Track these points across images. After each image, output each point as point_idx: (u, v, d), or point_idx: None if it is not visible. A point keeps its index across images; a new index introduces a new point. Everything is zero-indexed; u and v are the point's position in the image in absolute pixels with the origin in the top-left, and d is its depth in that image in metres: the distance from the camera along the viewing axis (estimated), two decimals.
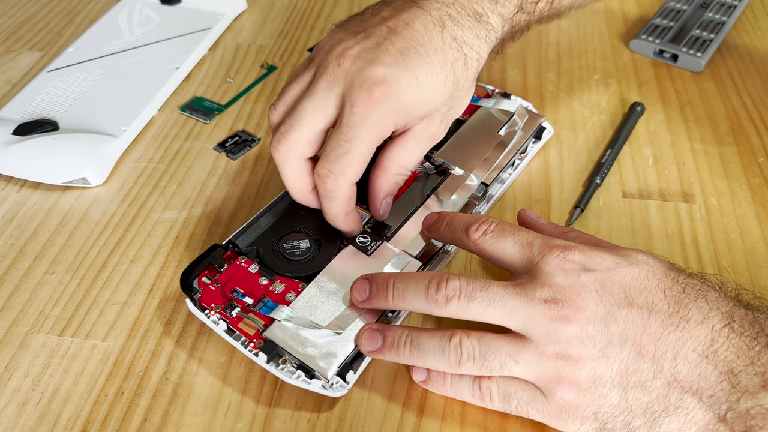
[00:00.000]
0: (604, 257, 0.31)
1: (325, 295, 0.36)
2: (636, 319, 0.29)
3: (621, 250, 0.32)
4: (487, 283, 0.31)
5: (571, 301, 0.29)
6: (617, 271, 0.30)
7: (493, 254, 0.33)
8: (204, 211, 0.46)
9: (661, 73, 0.56)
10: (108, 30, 0.62)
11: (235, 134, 0.52)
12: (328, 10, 0.66)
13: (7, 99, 0.56)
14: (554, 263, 0.30)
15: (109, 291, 0.41)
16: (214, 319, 0.36)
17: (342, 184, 0.35)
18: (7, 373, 0.37)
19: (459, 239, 0.35)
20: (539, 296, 0.30)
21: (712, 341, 0.28)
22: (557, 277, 0.30)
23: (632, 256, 0.31)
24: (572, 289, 0.29)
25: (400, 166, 0.38)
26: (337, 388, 0.33)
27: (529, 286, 0.30)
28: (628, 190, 0.46)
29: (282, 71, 0.58)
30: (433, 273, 0.32)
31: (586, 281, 0.30)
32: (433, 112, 0.37)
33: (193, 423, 0.34)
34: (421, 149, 0.38)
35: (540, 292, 0.30)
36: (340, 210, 0.37)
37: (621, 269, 0.30)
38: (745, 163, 0.47)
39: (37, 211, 0.46)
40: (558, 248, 0.31)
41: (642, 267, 0.30)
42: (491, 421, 0.33)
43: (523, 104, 0.49)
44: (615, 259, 0.31)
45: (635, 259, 0.31)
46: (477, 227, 0.34)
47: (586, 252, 0.31)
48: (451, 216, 0.37)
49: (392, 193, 0.39)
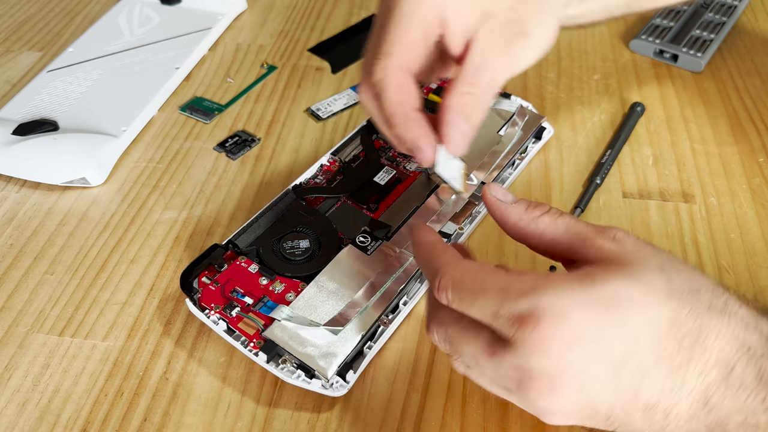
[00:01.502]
0: (587, 320, 0.25)
1: (325, 295, 0.36)
2: (624, 391, 0.25)
3: (606, 285, 0.25)
4: (461, 343, 0.28)
5: (551, 390, 0.25)
6: (603, 339, 0.25)
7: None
8: (204, 211, 0.46)
9: (661, 73, 0.56)
10: (108, 30, 0.62)
11: (235, 134, 0.52)
12: (328, 10, 0.66)
13: (7, 99, 0.56)
14: (528, 344, 0.25)
15: (109, 291, 0.41)
16: (214, 319, 0.36)
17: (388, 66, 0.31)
18: (7, 373, 0.37)
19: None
20: (513, 377, 0.26)
21: (705, 403, 0.25)
22: (534, 360, 0.25)
23: (621, 300, 0.25)
24: (552, 377, 0.25)
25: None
26: (337, 387, 0.33)
27: (505, 360, 0.26)
28: (628, 190, 0.46)
29: (282, 71, 0.58)
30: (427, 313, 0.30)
31: (568, 364, 0.25)
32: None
33: (193, 423, 0.34)
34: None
35: (515, 375, 0.26)
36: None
37: (608, 335, 0.24)
38: (745, 163, 0.47)
39: (37, 211, 0.46)
40: (529, 324, 0.25)
41: (633, 323, 0.24)
42: (491, 422, 0.33)
43: (523, 104, 0.49)
44: (600, 321, 0.25)
45: (625, 309, 0.25)
46: (437, 288, 0.28)
47: (563, 319, 0.24)
48: (417, 249, 0.31)
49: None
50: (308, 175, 0.45)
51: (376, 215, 0.42)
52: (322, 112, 0.53)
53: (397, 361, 0.36)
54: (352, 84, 0.56)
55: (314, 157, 0.49)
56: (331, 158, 0.46)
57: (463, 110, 0.32)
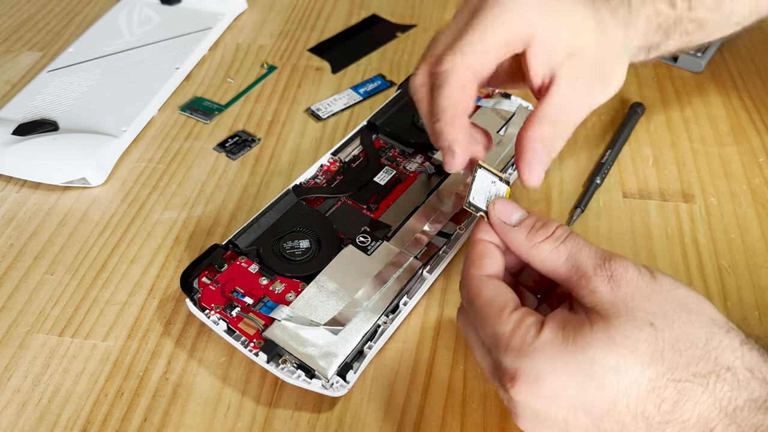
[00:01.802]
0: (564, 385, 0.25)
1: (325, 295, 0.36)
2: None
3: (588, 351, 0.25)
4: (474, 350, 0.30)
5: (534, 430, 0.27)
6: (581, 401, 0.25)
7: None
8: (204, 211, 0.46)
9: (661, 73, 0.56)
10: (108, 30, 0.62)
11: (235, 134, 0.52)
12: (329, 10, 0.66)
13: (7, 99, 0.56)
14: (510, 394, 0.27)
15: (109, 291, 0.41)
16: (214, 319, 0.36)
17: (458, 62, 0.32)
18: (7, 373, 0.37)
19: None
20: (508, 406, 0.28)
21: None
22: (518, 407, 0.27)
23: (600, 366, 0.25)
24: (534, 422, 0.27)
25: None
26: (338, 387, 0.33)
27: (501, 387, 0.28)
28: (628, 190, 0.46)
29: (282, 71, 0.58)
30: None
31: (546, 416, 0.26)
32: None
33: (193, 423, 0.34)
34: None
35: (508, 404, 0.28)
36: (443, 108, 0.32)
37: (585, 398, 0.25)
38: (745, 163, 0.47)
39: (37, 211, 0.46)
40: (509, 380, 0.26)
41: (611, 388, 0.25)
42: (491, 422, 0.33)
43: (523, 104, 0.49)
44: (577, 386, 0.25)
45: (603, 374, 0.25)
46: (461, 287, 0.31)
47: (540, 383, 0.26)
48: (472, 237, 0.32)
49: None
50: (308, 175, 0.45)
51: (376, 215, 0.42)
52: (322, 112, 0.53)
53: (397, 361, 0.36)
54: (352, 84, 0.56)
55: (314, 157, 0.49)
56: (331, 158, 0.46)
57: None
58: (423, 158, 0.46)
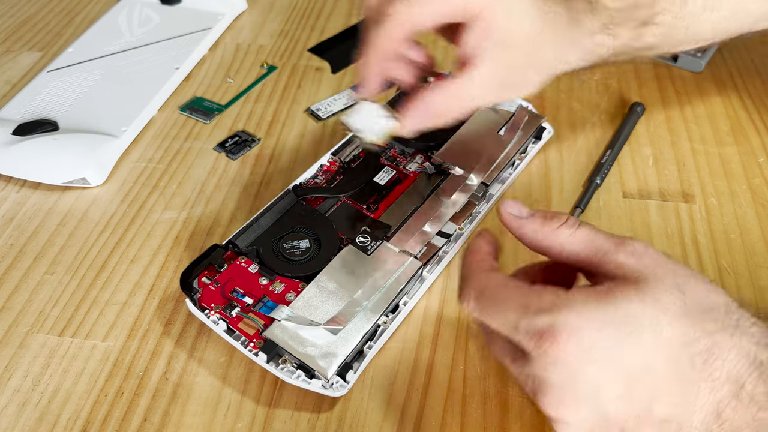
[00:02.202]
0: (602, 338, 0.25)
1: (325, 295, 0.36)
2: (638, 406, 0.26)
3: (623, 305, 0.26)
4: (491, 344, 0.30)
5: (566, 403, 0.26)
6: (619, 358, 0.26)
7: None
8: (204, 211, 0.46)
9: (661, 73, 0.56)
10: (108, 30, 0.62)
11: (235, 134, 0.52)
12: (328, 10, 0.66)
13: (7, 99, 0.56)
14: (545, 359, 0.26)
15: (109, 291, 0.41)
16: (214, 319, 0.36)
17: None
18: (7, 373, 0.37)
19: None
20: (531, 388, 0.27)
21: (717, 416, 0.25)
22: (550, 373, 0.26)
23: (636, 321, 0.25)
24: (567, 391, 0.26)
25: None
26: (337, 387, 0.33)
27: (525, 368, 0.27)
28: (628, 190, 0.46)
29: (282, 71, 0.58)
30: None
31: (583, 379, 0.26)
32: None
33: (193, 423, 0.34)
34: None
35: (532, 384, 0.27)
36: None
37: (623, 353, 0.25)
38: (745, 163, 0.47)
39: (37, 211, 0.46)
40: (546, 339, 0.26)
41: (648, 342, 0.25)
42: (491, 422, 0.33)
43: (523, 104, 0.49)
44: (616, 340, 0.25)
45: (640, 329, 0.25)
46: (461, 300, 0.30)
47: (579, 336, 0.26)
48: (466, 254, 0.32)
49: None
50: (308, 175, 0.45)
51: (376, 215, 0.42)
52: (322, 112, 0.53)
53: (397, 361, 0.36)
54: (352, 84, 0.56)
55: (314, 157, 0.49)
56: (331, 158, 0.46)
57: (438, 110, 0.35)
58: (423, 158, 0.46)
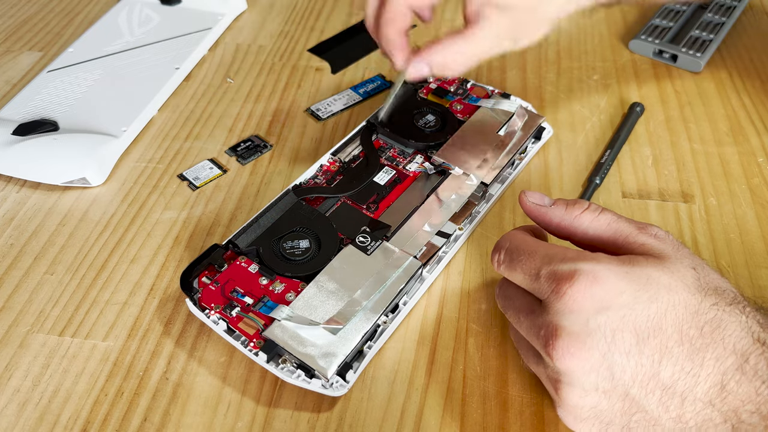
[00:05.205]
0: (620, 289, 0.27)
1: (325, 295, 0.36)
2: (646, 364, 0.27)
3: (643, 269, 0.28)
4: (511, 303, 0.32)
5: (576, 351, 0.27)
6: (633, 310, 0.27)
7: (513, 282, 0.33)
8: (204, 211, 0.46)
9: (660, 73, 0.56)
10: (108, 30, 0.62)
11: (247, 139, 0.51)
12: (328, 10, 0.66)
13: (7, 99, 0.56)
14: (562, 302, 0.28)
15: (109, 291, 0.41)
16: (214, 318, 0.36)
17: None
18: (7, 373, 0.37)
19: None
20: (543, 335, 0.28)
21: (721, 388, 0.26)
22: (565, 319, 0.28)
23: (654, 282, 0.27)
24: (578, 337, 0.27)
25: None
26: (337, 387, 0.33)
27: (539, 318, 0.29)
28: (628, 190, 0.46)
29: (282, 71, 0.58)
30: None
31: (595, 327, 0.27)
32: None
33: (193, 423, 0.34)
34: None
35: (545, 331, 0.28)
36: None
37: (637, 307, 0.27)
38: (744, 163, 0.47)
39: (37, 211, 0.46)
40: (566, 282, 0.28)
41: (662, 302, 0.27)
42: (491, 422, 0.33)
43: (523, 104, 0.49)
44: (632, 293, 0.27)
45: (657, 289, 0.27)
46: (493, 255, 0.33)
47: (598, 283, 0.27)
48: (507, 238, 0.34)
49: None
50: (308, 175, 0.45)
51: (376, 215, 0.42)
52: (322, 112, 0.53)
53: (397, 361, 0.36)
54: (352, 84, 0.56)
55: (314, 157, 0.49)
56: (331, 158, 0.46)
57: (442, 64, 0.38)
58: (423, 158, 0.46)
